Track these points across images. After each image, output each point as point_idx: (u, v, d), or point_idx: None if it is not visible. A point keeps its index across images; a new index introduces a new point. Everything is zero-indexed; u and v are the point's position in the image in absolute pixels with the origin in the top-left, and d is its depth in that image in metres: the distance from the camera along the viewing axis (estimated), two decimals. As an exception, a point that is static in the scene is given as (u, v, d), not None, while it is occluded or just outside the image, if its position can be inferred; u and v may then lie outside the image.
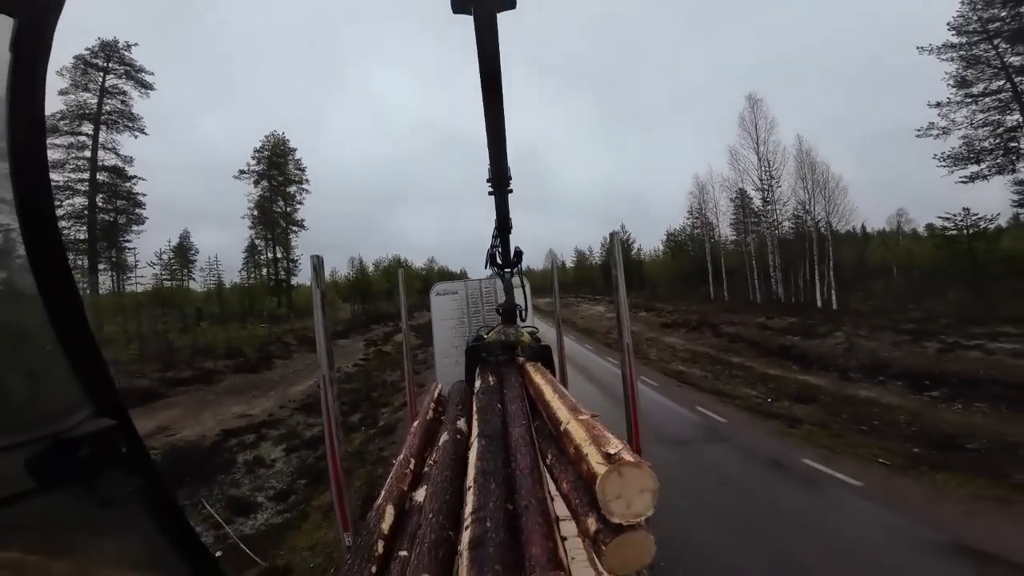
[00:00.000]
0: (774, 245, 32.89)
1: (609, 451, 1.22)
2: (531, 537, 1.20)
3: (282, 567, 7.09)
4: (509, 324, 2.88)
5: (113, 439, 0.65)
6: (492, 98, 1.61)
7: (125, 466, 0.67)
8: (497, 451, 1.84)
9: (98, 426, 0.64)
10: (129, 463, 0.68)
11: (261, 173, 42.89)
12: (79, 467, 0.61)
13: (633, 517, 1.14)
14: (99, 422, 0.64)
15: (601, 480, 1.14)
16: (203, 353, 23.65)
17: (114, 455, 0.65)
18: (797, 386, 13.03)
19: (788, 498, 6.37)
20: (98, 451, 0.62)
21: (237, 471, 11.88)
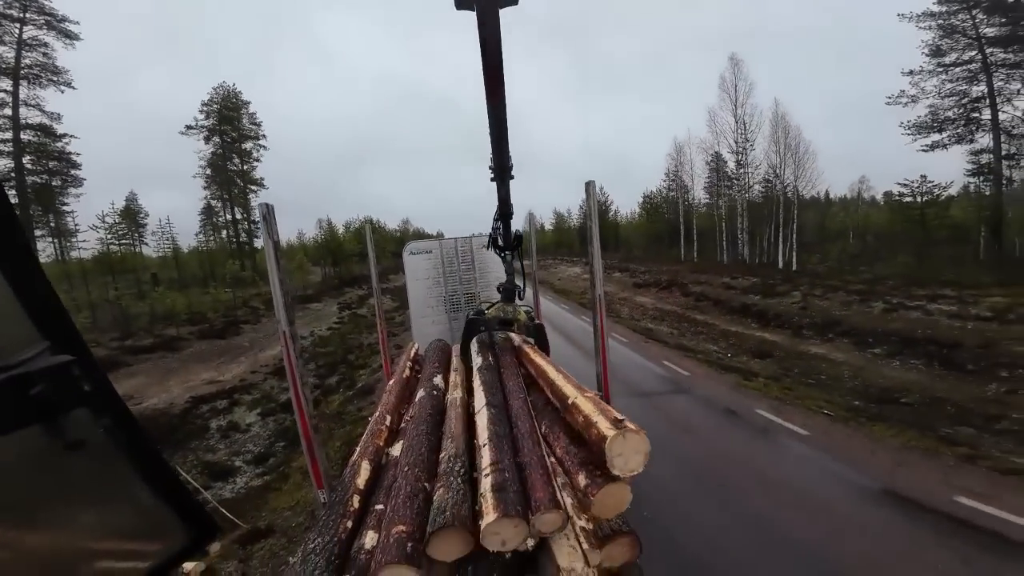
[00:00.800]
0: (743, 208, 33.75)
1: (617, 417, 1.50)
2: (535, 484, 1.48)
3: (264, 528, 7.22)
4: (508, 302, 3.13)
5: (72, 376, 0.59)
6: (494, 91, 1.62)
7: (90, 405, 0.62)
8: (503, 418, 2.10)
9: (54, 362, 0.58)
10: (94, 402, 0.63)
11: (211, 129, 39.33)
12: (37, 406, 0.55)
13: (628, 472, 1.42)
14: (55, 358, 0.58)
15: (610, 441, 1.40)
16: (163, 320, 22.60)
17: (76, 394, 0.60)
18: (755, 342, 13.89)
19: (740, 444, 6.95)
20: (56, 389, 0.57)
21: (211, 437, 11.77)
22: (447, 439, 1.97)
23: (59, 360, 0.58)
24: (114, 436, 0.66)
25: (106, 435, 0.65)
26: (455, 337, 5.54)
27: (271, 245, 1.91)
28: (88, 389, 0.62)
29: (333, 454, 8.70)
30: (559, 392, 2.06)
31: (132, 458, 0.70)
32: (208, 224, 40.86)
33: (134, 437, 0.70)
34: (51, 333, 0.60)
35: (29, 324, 0.59)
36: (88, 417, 0.62)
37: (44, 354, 0.58)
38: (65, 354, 0.60)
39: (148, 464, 0.73)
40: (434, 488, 1.53)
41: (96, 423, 0.64)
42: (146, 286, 29.25)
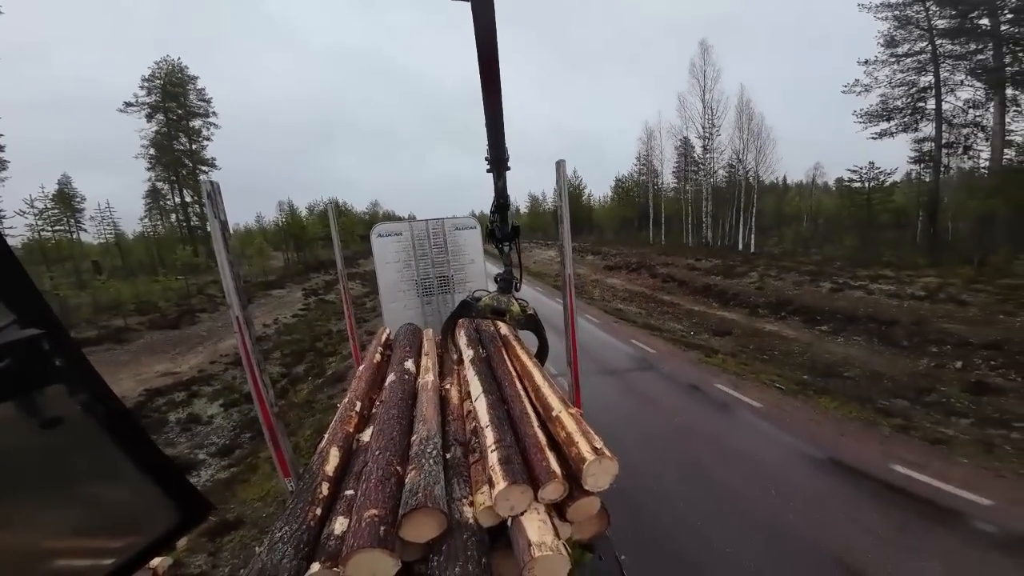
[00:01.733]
0: (708, 192, 34.87)
1: (596, 445, 1.68)
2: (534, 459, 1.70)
3: (232, 520, 7.03)
4: (504, 293, 3.15)
5: (43, 351, 0.56)
6: (490, 83, 1.60)
7: (64, 381, 0.59)
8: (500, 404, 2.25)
9: (23, 335, 0.55)
10: (68, 377, 0.60)
11: (154, 106, 36.07)
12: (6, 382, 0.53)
13: (597, 488, 1.64)
14: (24, 332, 0.55)
15: (588, 464, 1.59)
16: (108, 310, 21.02)
17: (48, 369, 0.57)
18: (716, 321, 14.61)
19: (701, 417, 7.38)
20: (27, 364, 0.54)
21: (170, 430, 11.21)
22: (419, 422, 1.97)
23: (27, 334, 0.55)
24: (93, 412, 0.63)
25: (84, 411, 0.62)
26: (427, 322, 5.47)
27: (218, 225, 1.80)
28: (60, 364, 0.58)
29: (304, 443, 8.53)
30: (544, 400, 2.21)
31: (114, 434, 0.67)
32: (154, 208, 37.87)
33: (114, 412, 0.67)
34: (16, 306, 0.57)
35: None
36: (63, 393, 0.60)
37: (10, 328, 0.55)
38: (33, 328, 0.56)
39: (131, 440, 0.70)
40: (406, 471, 1.53)
41: (72, 399, 0.61)
42: (87, 275, 26.98)
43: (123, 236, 36.07)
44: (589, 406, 3.08)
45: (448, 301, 5.69)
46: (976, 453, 5.88)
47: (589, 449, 1.66)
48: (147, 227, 37.75)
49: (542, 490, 1.55)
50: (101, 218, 34.82)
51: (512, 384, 2.51)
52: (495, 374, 2.71)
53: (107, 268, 29.58)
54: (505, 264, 3.27)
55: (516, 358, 2.97)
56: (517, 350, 3.08)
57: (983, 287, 13.99)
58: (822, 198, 41.36)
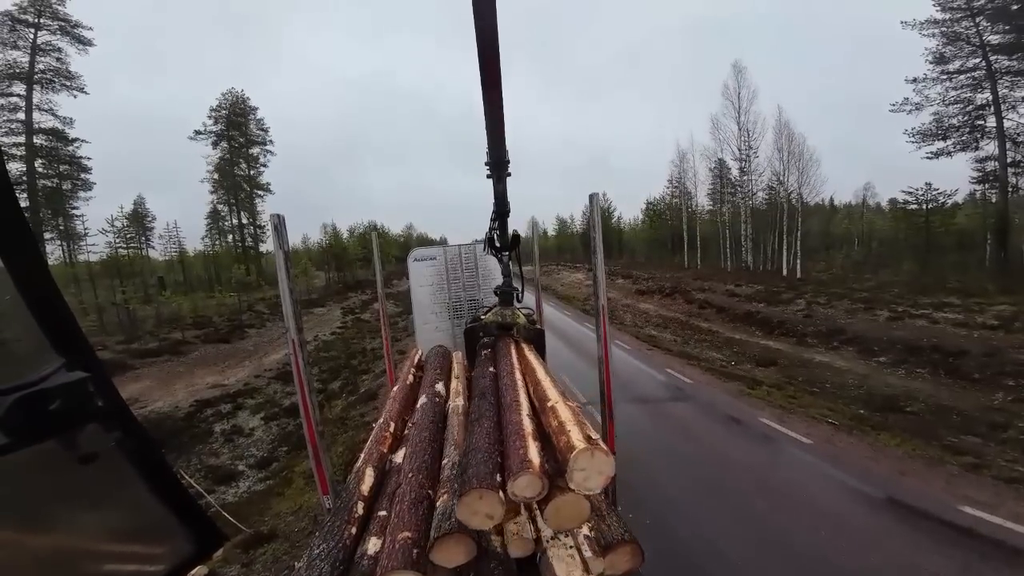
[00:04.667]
0: (747, 215, 33.71)
1: (590, 435, 1.43)
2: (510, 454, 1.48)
3: (266, 533, 7.24)
4: (506, 306, 2.94)
5: (87, 392, 0.62)
6: (491, 84, 1.59)
7: (103, 420, 0.65)
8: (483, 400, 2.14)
9: (70, 378, 0.61)
10: (107, 417, 0.65)
11: (219, 134, 39.86)
12: (53, 421, 0.58)
13: (585, 489, 1.36)
14: (71, 375, 0.61)
15: (577, 453, 1.33)
16: (169, 323, 22.78)
17: (90, 409, 0.63)
18: (759, 350, 13.83)
19: (743, 451, 6.92)
20: (72, 405, 0.60)
21: (215, 441, 11.81)
22: (449, 446, 2.00)
23: (74, 377, 0.62)
24: (125, 448, 0.69)
25: (117, 447, 0.68)
26: (457, 344, 5.57)
27: (281, 255, 1.96)
28: (101, 404, 0.64)
29: (336, 459, 8.72)
30: (541, 393, 2.02)
31: (142, 469, 0.73)
32: (214, 228, 41.26)
33: (144, 449, 0.72)
34: (67, 351, 0.63)
35: (46, 343, 0.62)
36: (101, 431, 0.65)
37: (60, 371, 0.61)
38: (80, 371, 0.63)
39: (157, 475, 0.75)
40: (438, 494, 1.56)
41: (108, 436, 0.66)
42: (152, 289, 29.53)
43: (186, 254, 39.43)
44: (621, 437, 3.00)
45: None
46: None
47: (581, 437, 1.42)
48: (207, 246, 41.13)
49: (512, 483, 1.34)
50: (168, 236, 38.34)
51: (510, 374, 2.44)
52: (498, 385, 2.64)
53: (170, 284, 32.28)
54: (504, 275, 3.16)
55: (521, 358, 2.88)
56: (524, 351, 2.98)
57: (1069, 318, 12.50)
58: (874, 220, 38.86)
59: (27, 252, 0.63)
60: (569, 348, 13.62)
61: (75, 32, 29.89)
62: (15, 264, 0.61)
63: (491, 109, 1.78)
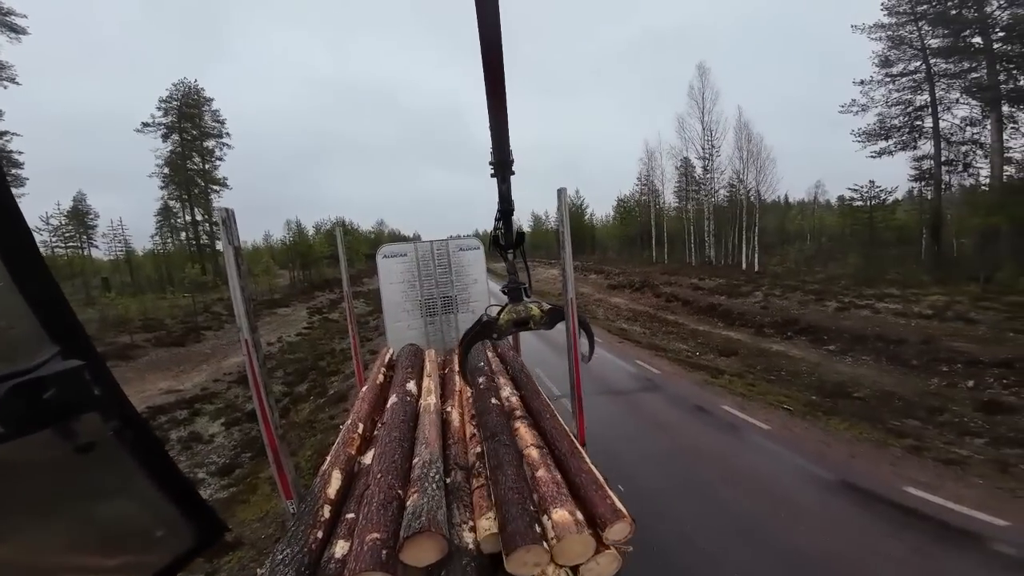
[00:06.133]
0: (710, 212, 35.12)
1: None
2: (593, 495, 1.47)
3: (232, 541, 6.92)
4: (517, 302, 2.92)
5: (83, 380, 0.60)
6: (495, 87, 1.58)
7: (100, 409, 0.63)
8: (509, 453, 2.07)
9: (66, 367, 0.59)
10: (104, 406, 0.64)
11: (170, 126, 37.25)
12: (49, 410, 0.56)
13: None
14: (67, 363, 0.59)
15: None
16: (115, 327, 21.19)
17: (87, 397, 0.61)
18: (721, 341, 14.48)
19: (707, 439, 7.25)
20: (67, 393, 0.58)
21: (171, 448, 11.13)
22: (421, 445, 1.98)
23: (70, 365, 0.59)
24: (122, 438, 0.67)
25: (115, 437, 0.66)
26: (430, 342, 5.49)
27: (231, 251, 1.86)
28: (98, 393, 0.63)
29: (304, 464, 8.44)
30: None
31: (140, 459, 0.71)
32: (165, 226, 38.60)
33: (142, 438, 0.71)
34: (61, 338, 0.61)
35: (40, 330, 0.60)
36: (98, 420, 0.63)
37: (55, 359, 0.59)
38: (75, 359, 0.61)
39: (155, 465, 0.74)
40: (408, 494, 1.54)
41: (105, 426, 0.65)
42: (96, 291, 27.34)
43: (133, 253, 36.72)
44: (591, 428, 3.06)
45: (452, 321, 5.72)
46: (991, 473, 5.72)
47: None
48: (157, 245, 38.47)
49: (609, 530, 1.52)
50: (113, 235, 35.61)
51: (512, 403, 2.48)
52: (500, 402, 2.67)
53: (116, 285, 29.99)
54: (509, 272, 3.16)
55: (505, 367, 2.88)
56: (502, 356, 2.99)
57: (990, 304, 13.83)
58: (824, 216, 41.50)
59: (20, 239, 0.60)
60: (542, 342, 13.77)
61: (6, 20, 26.98)
62: (7, 251, 0.58)
63: (495, 112, 1.77)
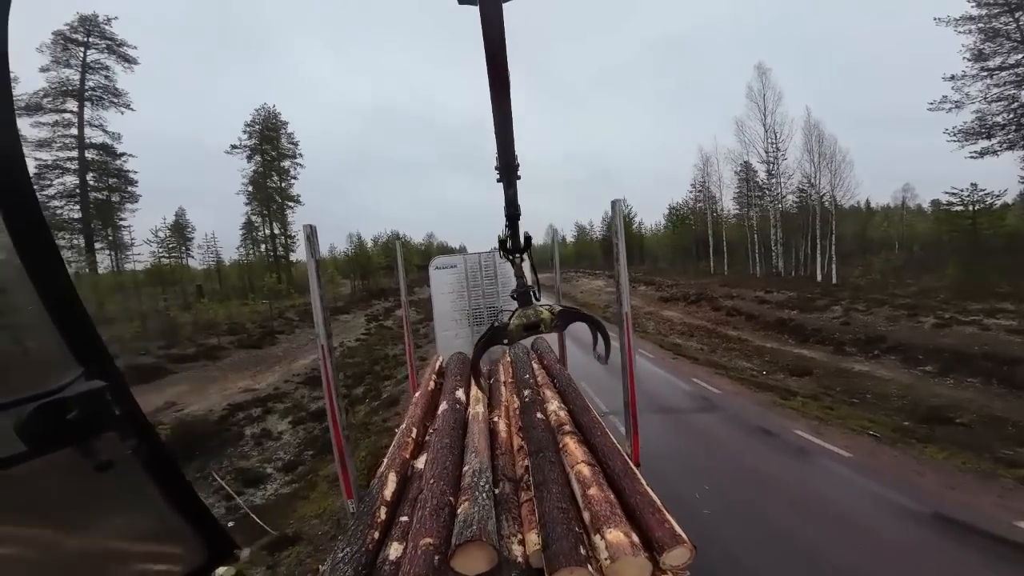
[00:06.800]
0: (777, 219, 32.57)
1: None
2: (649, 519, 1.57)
3: (292, 535, 7.39)
4: (527, 306, 2.88)
5: (105, 401, 0.63)
6: (499, 89, 1.58)
7: (120, 429, 0.66)
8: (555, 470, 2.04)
9: (89, 387, 0.62)
10: (124, 425, 0.66)
11: (254, 148, 41.83)
12: (72, 429, 0.59)
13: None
14: (90, 384, 0.62)
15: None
16: (206, 329, 23.82)
17: (108, 417, 0.63)
18: (793, 359, 13.23)
19: (776, 465, 6.59)
20: (90, 413, 0.60)
21: (245, 444, 12.20)
22: (470, 453, 2.00)
23: (94, 386, 0.62)
24: (140, 456, 0.69)
25: (133, 455, 0.68)
26: None
27: (313, 264, 2.03)
28: (119, 413, 0.65)
29: (359, 464, 8.85)
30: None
31: (155, 478, 0.73)
32: (248, 238, 43.20)
33: (158, 458, 0.73)
34: (86, 360, 0.64)
35: (67, 352, 0.63)
36: (117, 438, 0.66)
37: (80, 380, 0.62)
38: (99, 379, 0.63)
39: (170, 483, 0.76)
40: (459, 501, 1.55)
41: (124, 444, 0.67)
42: (191, 297, 31.06)
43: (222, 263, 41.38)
44: (644, 449, 2.91)
45: None
46: None
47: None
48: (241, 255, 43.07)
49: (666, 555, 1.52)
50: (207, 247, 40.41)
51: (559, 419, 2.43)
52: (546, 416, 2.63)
53: (208, 291, 33.90)
54: (517, 276, 3.13)
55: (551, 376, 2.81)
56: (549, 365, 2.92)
57: None
58: (914, 223, 36.78)
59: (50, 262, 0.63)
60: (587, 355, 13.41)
61: (121, 51, 32.03)
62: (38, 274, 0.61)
63: (500, 116, 1.77)
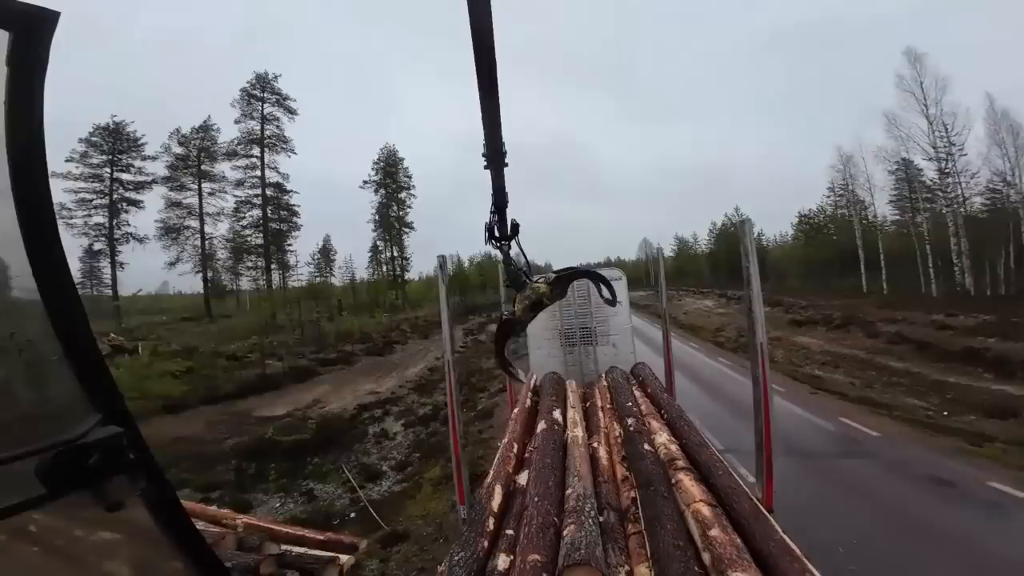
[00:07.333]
0: (959, 225, 25.68)
1: None
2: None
3: (401, 532, 8.04)
4: (521, 289, 2.89)
5: (121, 446, 0.66)
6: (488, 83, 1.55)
7: (132, 472, 0.68)
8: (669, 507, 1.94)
9: (106, 433, 0.65)
10: (136, 469, 0.69)
11: (379, 182, 48.92)
12: (89, 474, 0.61)
13: None
14: (107, 429, 0.65)
15: None
16: (343, 338, 28.10)
17: (122, 462, 0.66)
18: (988, 397, 10.11)
19: (952, 520, 5.01)
20: (107, 457, 0.63)
21: (367, 441, 13.84)
22: (572, 476, 1.96)
23: (110, 432, 0.66)
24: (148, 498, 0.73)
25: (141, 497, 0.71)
26: (568, 371, 5.49)
27: (444, 289, 2.27)
28: (132, 457, 0.68)
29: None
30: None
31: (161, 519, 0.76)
32: (374, 260, 50.30)
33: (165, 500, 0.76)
34: (102, 406, 0.67)
35: (84, 399, 0.67)
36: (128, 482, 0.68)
37: (96, 426, 0.65)
38: (114, 425, 0.66)
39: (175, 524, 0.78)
40: (563, 523, 1.54)
41: (134, 487, 0.69)
42: (334, 310, 37.10)
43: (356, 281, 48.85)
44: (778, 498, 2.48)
45: (590, 352, 5.63)
46: None
47: None
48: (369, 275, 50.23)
49: None
50: (345, 267, 48.26)
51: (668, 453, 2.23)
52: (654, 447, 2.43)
53: (345, 305, 40.12)
54: (506, 264, 3.01)
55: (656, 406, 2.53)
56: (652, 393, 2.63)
57: None
58: None
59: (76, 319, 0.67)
60: (694, 383, 12.15)
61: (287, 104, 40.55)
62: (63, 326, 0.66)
63: (488, 106, 1.74)
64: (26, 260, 0.63)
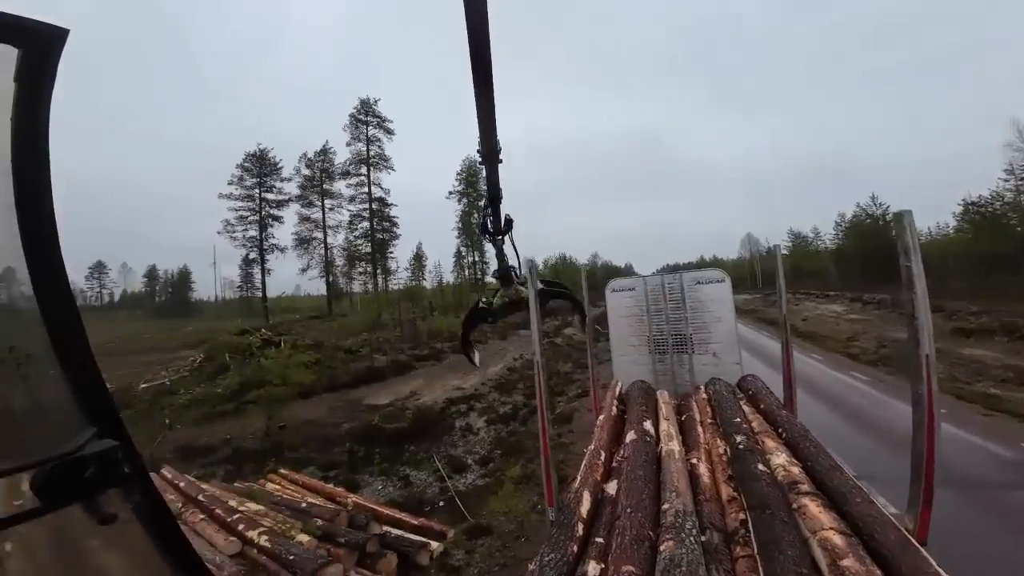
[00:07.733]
0: None
1: None
2: None
3: (484, 526, 8.32)
4: (508, 286, 2.99)
5: (115, 459, 0.66)
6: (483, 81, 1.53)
7: (126, 485, 0.68)
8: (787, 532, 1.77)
9: (102, 446, 0.65)
10: (130, 482, 0.69)
11: (461, 192, 51.87)
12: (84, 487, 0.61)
13: None
14: (102, 443, 0.65)
15: None
16: (434, 336, 30.32)
17: (117, 476, 0.66)
18: None
19: None
20: (102, 471, 0.63)
21: (455, 434, 14.63)
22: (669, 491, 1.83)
23: (106, 445, 0.65)
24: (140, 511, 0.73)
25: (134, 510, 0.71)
26: (658, 381, 5.13)
27: (532, 292, 2.33)
28: (127, 471, 0.67)
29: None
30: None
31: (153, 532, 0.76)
32: (458, 265, 53.46)
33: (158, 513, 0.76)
34: (98, 421, 0.67)
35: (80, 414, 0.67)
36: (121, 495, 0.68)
37: (92, 440, 0.64)
38: (110, 439, 0.66)
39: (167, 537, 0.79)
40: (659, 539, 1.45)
41: (128, 500, 0.69)
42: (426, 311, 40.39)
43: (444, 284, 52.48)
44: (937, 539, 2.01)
45: (685, 362, 5.16)
46: None
47: None
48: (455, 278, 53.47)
49: None
50: (434, 271, 52.17)
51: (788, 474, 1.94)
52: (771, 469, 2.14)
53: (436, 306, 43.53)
54: (498, 258, 3.02)
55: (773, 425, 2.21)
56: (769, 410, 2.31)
57: None
58: None
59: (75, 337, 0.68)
60: (818, 400, 10.55)
61: (385, 125, 45.38)
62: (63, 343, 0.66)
63: (483, 103, 1.70)
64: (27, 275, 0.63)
